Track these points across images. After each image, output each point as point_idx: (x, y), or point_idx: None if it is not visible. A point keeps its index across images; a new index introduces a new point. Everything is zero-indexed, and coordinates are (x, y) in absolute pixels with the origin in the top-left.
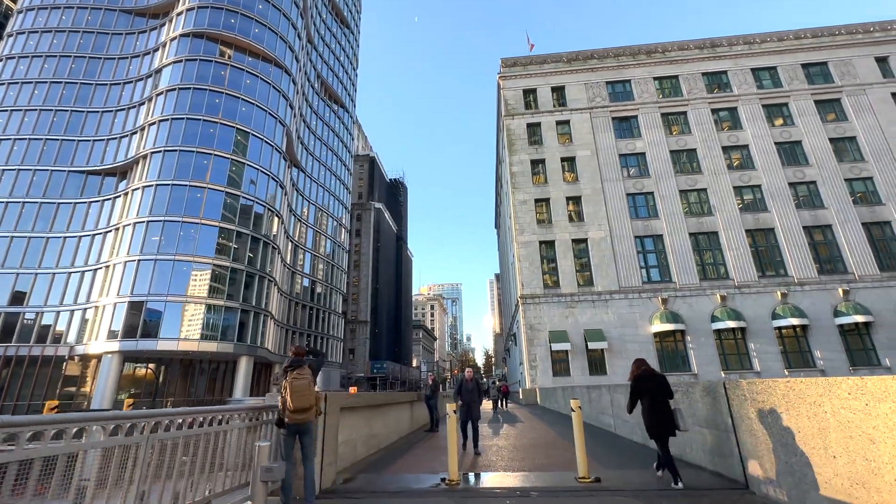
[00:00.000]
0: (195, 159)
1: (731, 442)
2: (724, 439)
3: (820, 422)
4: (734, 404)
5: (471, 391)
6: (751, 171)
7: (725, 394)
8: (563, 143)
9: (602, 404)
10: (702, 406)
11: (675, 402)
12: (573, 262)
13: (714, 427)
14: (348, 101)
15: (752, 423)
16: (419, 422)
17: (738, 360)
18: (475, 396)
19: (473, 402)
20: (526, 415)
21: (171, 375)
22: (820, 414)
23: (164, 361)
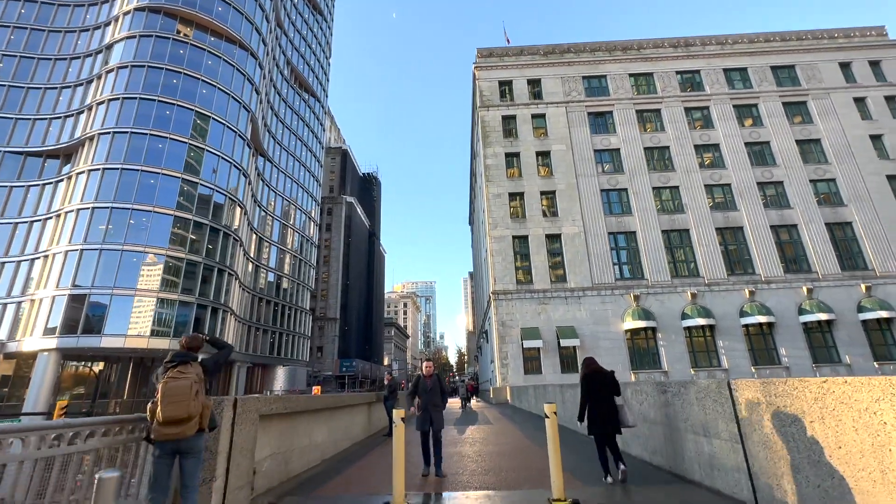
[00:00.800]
0: (149, 142)
1: (738, 454)
2: (728, 450)
3: (875, 436)
4: (742, 408)
5: (430, 391)
6: (721, 169)
7: (731, 395)
8: (538, 137)
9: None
10: (697, 409)
11: (621, 399)
12: (546, 257)
13: (714, 435)
14: (320, 90)
15: (768, 432)
16: (379, 425)
17: (706, 358)
18: (437, 398)
19: (435, 408)
20: (495, 415)
21: (122, 375)
22: (875, 425)
23: (114, 360)
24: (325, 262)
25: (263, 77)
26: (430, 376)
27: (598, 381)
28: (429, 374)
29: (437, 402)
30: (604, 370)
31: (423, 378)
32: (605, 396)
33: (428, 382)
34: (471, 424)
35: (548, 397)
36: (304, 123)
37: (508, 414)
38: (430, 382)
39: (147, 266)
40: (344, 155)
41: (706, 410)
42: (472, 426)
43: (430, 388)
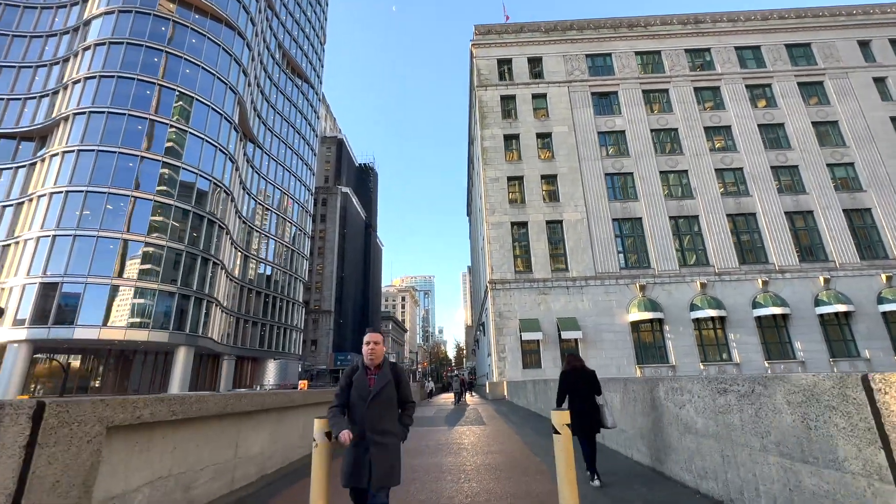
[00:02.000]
0: (127, 123)
1: (882, 492)
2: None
3: None
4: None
5: (375, 400)
6: (733, 153)
7: (870, 398)
8: (538, 118)
9: None
10: (790, 420)
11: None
12: (547, 245)
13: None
14: (314, 76)
15: None
16: None
17: (716, 352)
18: (386, 417)
19: (380, 438)
20: (490, 413)
21: (105, 369)
22: None
23: (94, 353)
24: (319, 254)
25: (252, 59)
26: (378, 367)
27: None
28: (374, 362)
29: (387, 425)
30: (585, 368)
31: (362, 371)
32: (585, 395)
33: (371, 381)
34: (460, 424)
35: (549, 394)
36: (296, 110)
37: (504, 412)
38: (375, 380)
39: (124, 253)
40: (339, 144)
41: (810, 423)
42: (462, 426)
43: (376, 395)
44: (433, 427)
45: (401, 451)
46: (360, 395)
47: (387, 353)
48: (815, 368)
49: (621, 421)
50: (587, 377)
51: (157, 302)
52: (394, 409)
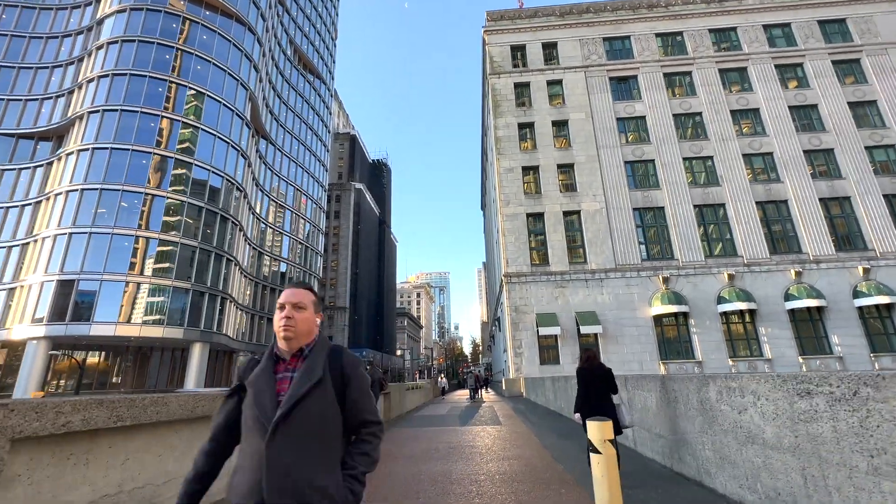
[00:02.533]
0: (140, 121)
1: None
2: None
3: None
4: None
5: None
6: (762, 137)
7: None
8: (554, 105)
9: None
10: None
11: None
12: (564, 236)
13: None
14: (325, 72)
15: None
16: None
17: (746, 347)
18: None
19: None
20: (507, 411)
21: (125, 365)
22: None
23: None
24: (333, 250)
25: (263, 55)
26: (300, 354)
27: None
28: (291, 343)
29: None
30: (601, 365)
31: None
32: (601, 394)
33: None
34: (474, 423)
35: (569, 392)
36: (308, 106)
37: (522, 410)
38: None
39: (139, 250)
40: (352, 140)
41: None
42: (476, 426)
43: (287, 413)
44: (445, 427)
45: None
46: (258, 412)
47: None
48: (854, 364)
49: (658, 425)
50: (603, 374)
51: (172, 298)
52: (330, 443)
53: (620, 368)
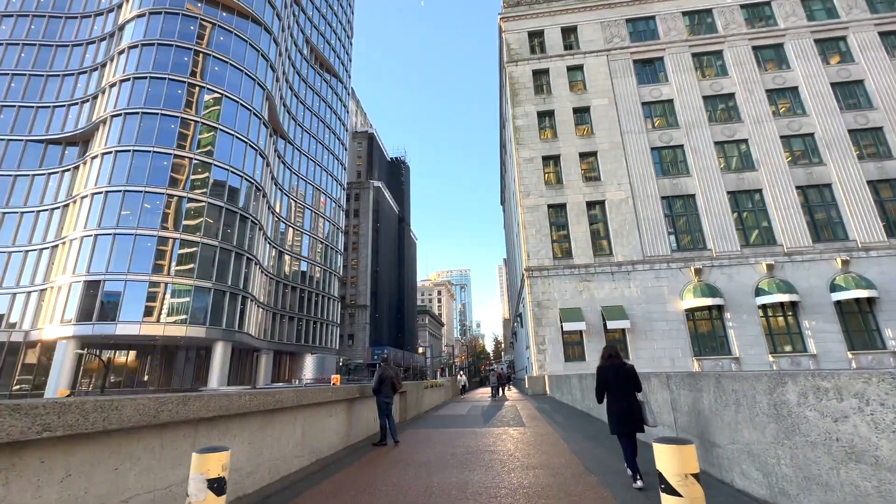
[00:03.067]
0: (160, 123)
1: None
2: None
3: None
4: None
5: None
6: (801, 117)
7: None
8: (575, 92)
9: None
10: None
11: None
12: (588, 227)
13: None
14: (342, 70)
15: None
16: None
17: (788, 341)
18: None
19: None
20: (531, 411)
21: (153, 363)
22: None
23: (143, 348)
24: (353, 249)
25: (279, 54)
26: None
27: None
28: None
29: None
30: (623, 362)
31: None
32: (624, 392)
33: None
34: (495, 424)
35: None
36: (326, 105)
37: (547, 410)
38: None
39: (161, 251)
40: (370, 139)
41: None
42: (497, 427)
43: None
44: (464, 428)
45: None
46: None
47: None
48: None
49: (716, 432)
50: (626, 372)
51: (194, 298)
52: None
53: (650, 365)
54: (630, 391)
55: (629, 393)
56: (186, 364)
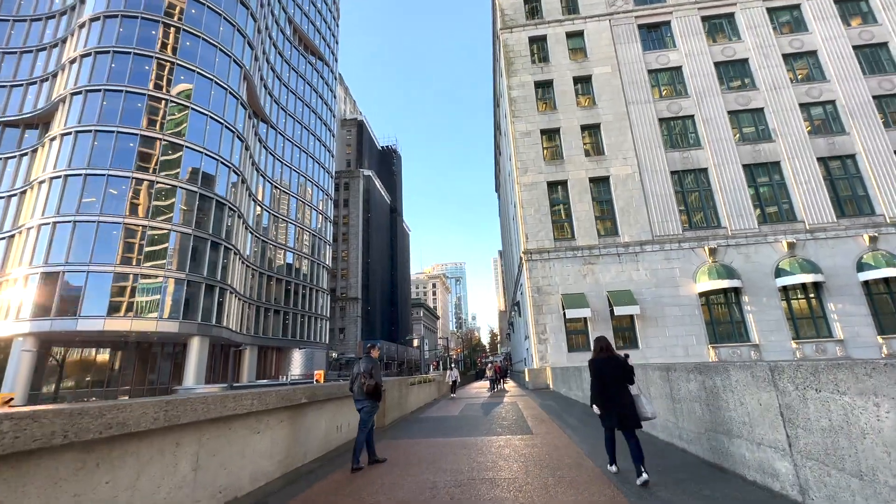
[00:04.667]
0: (125, 101)
1: None
2: None
3: None
4: None
5: None
6: (821, 83)
7: None
8: (575, 60)
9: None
10: None
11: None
12: (591, 206)
13: None
14: (328, 53)
15: None
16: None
17: (812, 326)
18: None
19: None
20: (535, 410)
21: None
22: None
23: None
24: (343, 240)
25: (259, 31)
26: None
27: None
28: None
29: None
30: (616, 354)
31: None
32: (617, 385)
33: None
34: (496, 432)
35: None
36: (311, 88)
37: (554, 409)
38: None
39: (128, 239)
40: (360, 126)
41: None
42: (498, 437)
43: None
44: (456, 437)
45: None
46: None
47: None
48: None
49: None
50: (618, 364)
51: (165, 290)
52: None
53: (662, 355)
54: (623, 385)
55: (622, 387)
56: (163, 361)
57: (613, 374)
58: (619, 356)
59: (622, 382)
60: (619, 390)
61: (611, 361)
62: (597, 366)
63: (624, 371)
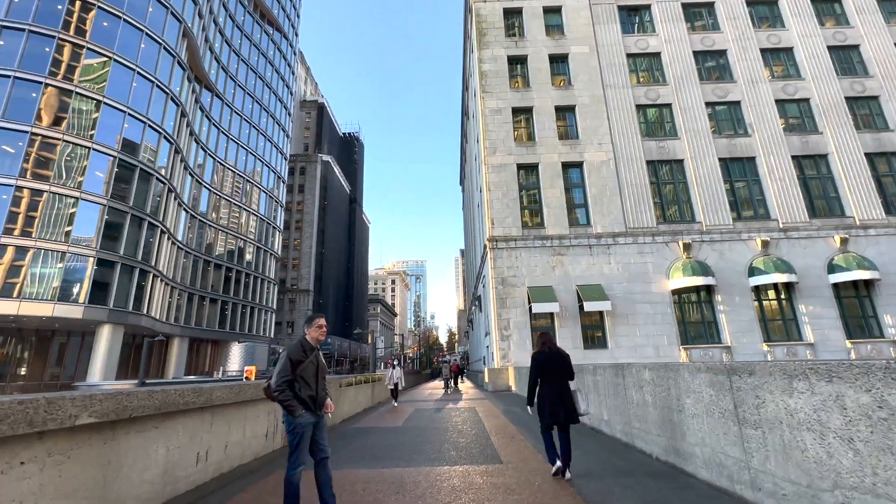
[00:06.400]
0: (27, 42)
1: None
2: None
3: None
4: None
5: None
6: (797, 80)
7: None
8: (552, 37)
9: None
10: None
11: (574, 384)
12: (563, 192)
13: None
14: (287, 25)
15: None
16: (237, 453)
17: (783, 329)
18: None
19: None
20: (499, 421)
21: (28, 352)
22: None
23: (14, 333)
24: (296, 228)
25: None
26: None
27: (550, 362)
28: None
29: None
30: (560, 350)
31: None
32: (558, 380)
33: None
34: (447, 457)
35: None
36: (266, 61)
37: (521, 417)
38: None
39: (22, 205)
40: (321, 109)
41: None
42: (451, 466)
43: None
44: (393, 467)
45: None
46: None
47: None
48: None
49: None
50: (560, 359)
51: (66, 268)
52: None
53: (632, 355)
54: (563, 380)
55: (563, 382)
56: (67, 352)
57: (555, 369)
58: (563, 352)
59: (563, 378)
60: (560, 386)
61: (556, 357)
62: (541, 361)
63: (566, 366)
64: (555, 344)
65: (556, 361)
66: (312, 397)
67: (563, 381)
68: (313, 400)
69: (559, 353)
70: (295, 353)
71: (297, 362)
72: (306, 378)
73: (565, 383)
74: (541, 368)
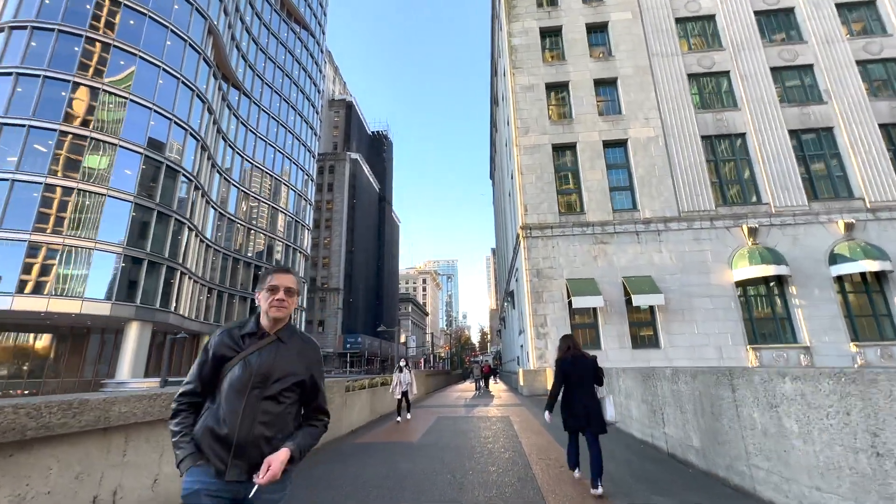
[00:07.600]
0: (57, 42)
1: None
2: None
3: None
4: None
5: None
6: (882, 37)
7: None
8: (589, 5)
9: None
10: None
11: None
12: (605, 174)
13: None
14: (314, 24)
15: None
16: None
17: (875, 327)
18: None
19: None
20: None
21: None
22: None
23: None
24: (326, 226)
25: None
26: None
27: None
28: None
29: None
30: (585, 354)
31: None
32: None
33: None
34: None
35: (657, 395)
36: (294, 59)
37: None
38: None
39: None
40: (349, 108)
41: None
42: None
43: None
44: None
45: None
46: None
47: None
48: None
49: None
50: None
51: (95, 265)
52: None
53: (689, 356)
54: (590, 386)
55: (590, 388)
56: (103, 349)
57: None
58: (588, 355)
59: (591, 384)
60: (588, 393)
61: (579, 361)
62: (564, 366)
63: (594, 372)
64: (579, 347)
65: (582, 366)
66: (223, 438)
67: (590, 389)
68: (224, 443)
69: (583, 358)
70: (217, 342)
71: (219, 359)
72: (226, 392)
73: (592, 390)
74: (566, 375)
